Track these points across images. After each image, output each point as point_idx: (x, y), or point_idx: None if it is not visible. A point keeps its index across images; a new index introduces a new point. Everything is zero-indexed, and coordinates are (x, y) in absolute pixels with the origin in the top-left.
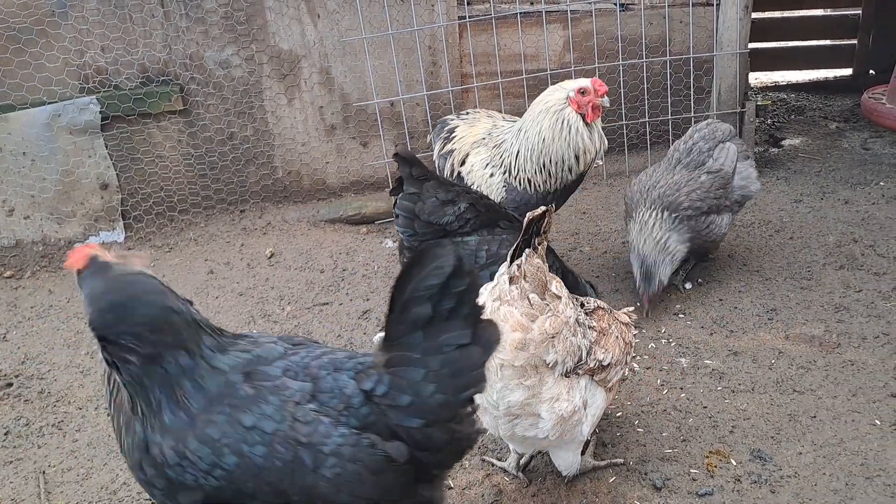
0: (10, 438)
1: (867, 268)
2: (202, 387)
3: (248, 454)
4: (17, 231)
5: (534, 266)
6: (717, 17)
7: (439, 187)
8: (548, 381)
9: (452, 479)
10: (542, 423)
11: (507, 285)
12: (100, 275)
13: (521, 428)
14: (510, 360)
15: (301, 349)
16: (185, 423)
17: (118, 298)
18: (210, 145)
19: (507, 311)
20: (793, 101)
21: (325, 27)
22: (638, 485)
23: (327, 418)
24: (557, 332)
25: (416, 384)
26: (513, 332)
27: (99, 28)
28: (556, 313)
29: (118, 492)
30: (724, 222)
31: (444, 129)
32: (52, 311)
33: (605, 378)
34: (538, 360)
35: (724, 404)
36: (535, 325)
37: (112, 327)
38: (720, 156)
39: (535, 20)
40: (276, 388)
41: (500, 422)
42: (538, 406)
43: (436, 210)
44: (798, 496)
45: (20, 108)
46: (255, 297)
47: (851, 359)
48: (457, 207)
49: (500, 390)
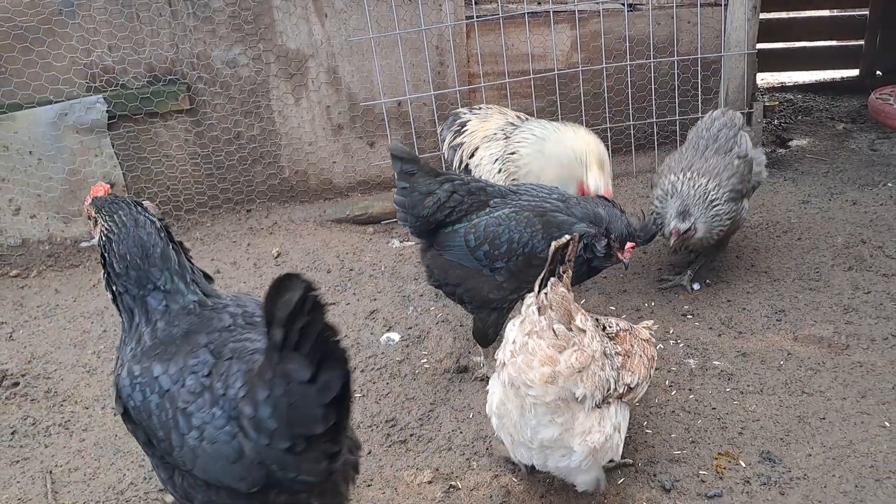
0: (17, 438)
1: (876, 269)
2: (155, 331)
3: (148, 398)
4: (23, 230)
5: (559, 295)
6: (725, 17)
7: (422, 179)
8: (579, 416)
9: (460, 479)
10: (575, 455)
11: (536, 315)
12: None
13: (553, 460)
14: (541, 395)
15: (245, 330)
16: (131, 357)
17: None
18: (217, 145)
19: (536, 344)
20: (800, 102)
21: (332, 27)
22: (647, 486)
23: (209, 396)
24: (585, 367)
25: (260, 402)
26: (542, 367)
27: (106, 27)
28: (583, 348)
29: (125, 491)
30: (745, 207)
31: (455, 122)
32: (59, 310)
33: (633, 397)
34: (568, 394)
35: (733, 406)
36: (563, 358)
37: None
38: (742, 142)
39: (543, 20)
40: (189, 353)
41: (534, 454)
42: (570, 440)
43: (417, 203)
44: (808, 498)
45: (27, 107)
46: (261, 297)
47: (860, 360)
48: (437, 198)
49: (534, 427)
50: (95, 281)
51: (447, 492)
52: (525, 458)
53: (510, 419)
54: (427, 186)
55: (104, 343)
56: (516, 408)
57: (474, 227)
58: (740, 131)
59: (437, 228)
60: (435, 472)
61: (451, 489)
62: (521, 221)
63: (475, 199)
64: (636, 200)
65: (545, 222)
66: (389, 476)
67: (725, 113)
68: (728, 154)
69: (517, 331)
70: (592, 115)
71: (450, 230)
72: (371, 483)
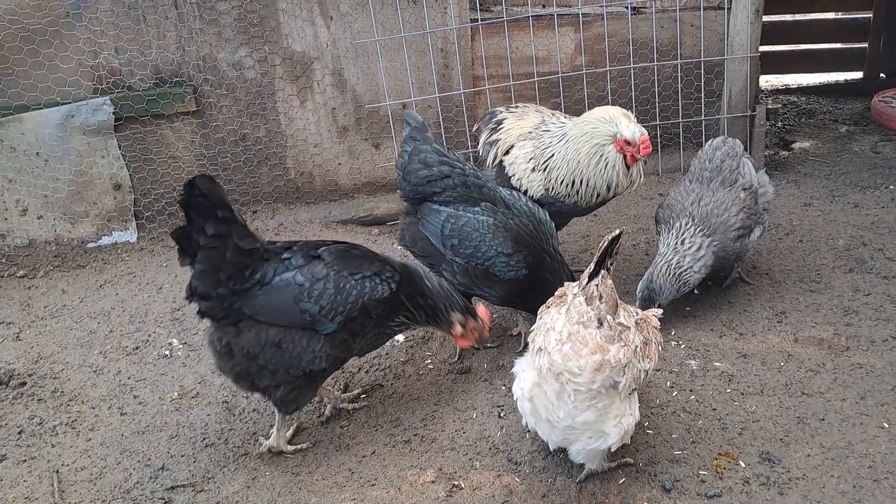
0: (24, 437)
1: (876, 271)
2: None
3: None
4: (30, 231)
5: (609, 287)
6: (728, 20)
7: (425, 150)
8: (615, 401)
9: (463, 479)
10: (609, 438)
11: (585, 306)
12: None
13: (582, 442)
14: (586, 383)
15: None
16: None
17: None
18: (223, 146)
19: (588, 334)
20: (803, 105)
21: (337, 29)
22: (647, 486)
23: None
24: (629, 362)
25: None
26: (592, 355)
27: (113, 29)
28: (628, 343)
29: (131, 490)
30: (755, 236)
31: (491, 120)
32: (66, 310)
33: (647, 380)
34: (611, 382)
35: (734, 406)
36: (612, 350)
37: None
38: (745, 172)
39: (547, 23)
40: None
41: (560, 433)
42: (605, 424)
43: (412, 170)
44: (806, 498)
45: (34, 109)
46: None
47: (860, 362)
48: (430, 173)
49: (570, 411)
50: (102, 281)
51: (450, 491)
52: (546, 434)
53: (542, 402)
54: (426, 158)
55: (111, 343)
56: (553, 392)
57: (454, 220)
58: (742, 158)
59: (424, 200)
60: (438, 471)
61: (455, 489)
62: (496, 237)
63: (468, 192)
64: (639, 203)
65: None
66: (393, 475)
67: (725, 141)
68: (732, 187)
69: (563, 319)
70: None
71: (435, 208)
72: (375, 483)
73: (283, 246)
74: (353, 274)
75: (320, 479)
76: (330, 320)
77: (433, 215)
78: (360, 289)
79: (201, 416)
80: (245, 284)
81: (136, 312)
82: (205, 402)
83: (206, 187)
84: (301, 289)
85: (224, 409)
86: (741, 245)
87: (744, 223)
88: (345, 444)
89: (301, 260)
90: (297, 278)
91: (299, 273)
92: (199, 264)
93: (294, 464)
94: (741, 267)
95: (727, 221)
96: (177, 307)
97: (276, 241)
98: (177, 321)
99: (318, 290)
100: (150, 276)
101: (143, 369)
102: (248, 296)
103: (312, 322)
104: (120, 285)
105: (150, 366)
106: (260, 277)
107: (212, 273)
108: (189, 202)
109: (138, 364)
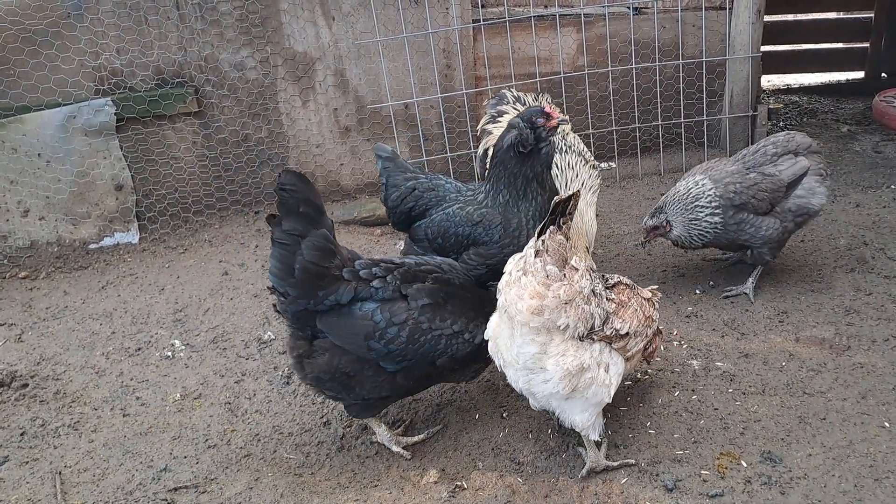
0: (27, 439)
1: (877, 271)
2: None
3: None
4: (32, 232)
5: (556, 242)
6: (730, 20)
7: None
8: (555, 339)
9: (466, 479)
10: (548, 374)
11: (533, 258)
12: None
13: (535, 384)
14: (527, 321)
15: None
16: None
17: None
18: (225, 147)
19: (527, 281)
20: (804, 104)
21: (339, 30)
22: (649, 486)
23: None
24: (570, 300)
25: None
26: (530, 300)
27: (114, 30)
28: (571, 283)
29: (134, 492)
30: (763, 225)
31: (495, 108)
32: (68, 311)
33: (625, 347)
34: (551, 325)
35: (735, 406)
36: (550, 293)
37: None
38: (783, 164)
39: (549, 23)
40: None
41: (520, 375)
42: (546, 361)
43: (388, 195)
44: (808, 497)
45: (36, 110)
46: (270, 299)
47: (861, 361)
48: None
49: (520, 345)
50: (104, 283)
51: (453, 492)
52: (514, 381)
53: (503, 340)
54: (395, 181)
55: (113, 344)
56: (507, 328)
57: (431, 223)
58: (794, 155)
59: (410, 223)
60: (441, 472)
61: (457, 489)
62: (463, 216)
63: (433, 194)
64: (641, 202)
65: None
66: (396, 476)
67: (788, 134)
68: (753, 168)
69: (513, 265)
70: (598, 117)
71: (417, 226)
72: (378, 483)
73: (381, 267)
74: (432, 329)
75: (323, 480)
76: (396, 364)
77: (418, 232)
78: (432, 344)
79: (204, 417)
80: (318, 303)
81: (138, 314)
82: (207, 403)
83: (291, 182)
84: (376, 327)
85: (226, 410)
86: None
87: (726, 193)
88: (347, 445)
89: (388, 293)
90: (375, 316)
91: (380, 310)
92: (271, 259)
93: (296, 465)
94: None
95: (714, 187)
96: (179, 308)
97: (375, 259)
98: (179, 322)
99: (391, 334)
100: (151, 277)
101: (146, 370)
102: (324, 313)
103: (377, 359)
104: (122, 286)
105: (152, 367)
106: (337, 297)
107: (282, 270)
108: (277, 194)
109: (140, 365)
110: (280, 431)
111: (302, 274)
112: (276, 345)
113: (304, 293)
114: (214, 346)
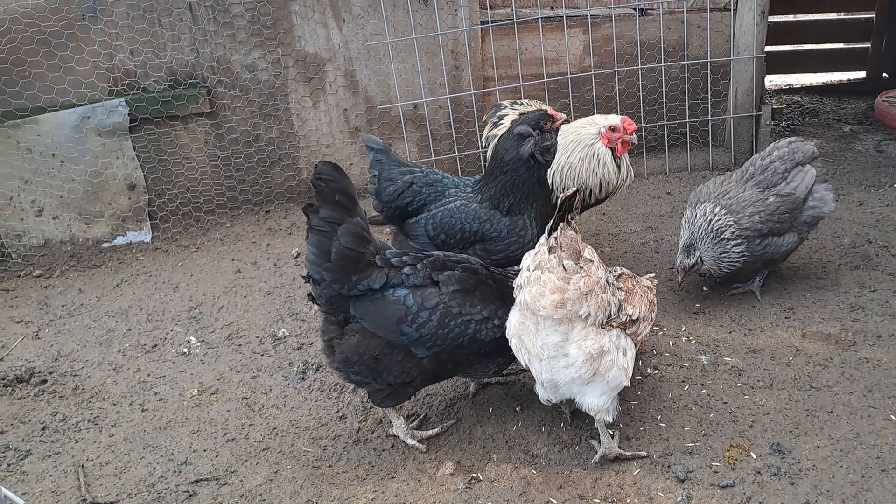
0: (48, 433)
1: (882, 268)
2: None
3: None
4: (46, 231)
5: (568, 237)
6: (734, 21)
7: (388, 168)
8: (577, 326)
9: (481, 471)
10: (570, 359)
11: (547, 255)
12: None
13: (558, 371)
14: (550, 314)
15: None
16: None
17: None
18: (236, 147)
19: (546, 278)
20: (807, 104)
21: (350, 31)
22: (661, 477)
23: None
24: (590, 290)
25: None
26: (552, 295)
27: (128, 32)
28: (590, 273)
29: (156, 484)
30: (784, 241)
31: (495, 115)
32: (83, 309)
33: (636, 332)
34: (573, 315)
35: (744, 400)
36: (571, 285)
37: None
38: (795, 179)
39: (556, 25)
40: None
41: (544, 365)
42: (568, 347)
43: (382, 190)
44: (816, 488)
45: (50, 110)
46: (283, 296)
47: (867, 356)
48: (396, 186)
49: (544, 337)
50: (118, 281)
51: (469, 483)
52: (538, 372)
53: (528, 336)
54: (391, 175)
55: (129, 341)
56: (532, 324)
57: (432, 218)
58: (801, 166)
59: (404, 218)
60: (457, 464)
61: (473, 480)
62: (469, 212)
63: (431, 190)
64: (647, 202)
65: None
66: (412, 468)
67: (791, 143)
68: (768, 190)
69: (529, 262)
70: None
71: (413, 221)
72: (395, 475)
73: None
74: (462, 314)
75: (341, 472)
76: (426, 348)
77: (416, 227)
78: (462, 329)
79: (221, 411)
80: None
81: (153, 311)
82: (224, 398)
83: (327, 172)
84: (408, 311)
85: (243, 405)
86: (760, 245)
87: (753, 226)
88: (363, 438)
89: (420, 280)
90: (407, 301)
91: (412, 295)
92: (308, 245)
93: (314, 458)
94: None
95: (739, 219)
96: (193, 305)
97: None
98: (194, 319)
99: (423, 318)
100: (165, 275)
101: (163, 366)
102: (356, 298)
103: (408, 344)
104: (136, 284)
105: (168, 363)
106: (370, 283)
107: (318, 255)
108: (314, 184)
109: (157, 361)
110: (297, 425)
111: (338, 259)
112: (290, 341)
113: (338, 277)
114: (229, 342)
